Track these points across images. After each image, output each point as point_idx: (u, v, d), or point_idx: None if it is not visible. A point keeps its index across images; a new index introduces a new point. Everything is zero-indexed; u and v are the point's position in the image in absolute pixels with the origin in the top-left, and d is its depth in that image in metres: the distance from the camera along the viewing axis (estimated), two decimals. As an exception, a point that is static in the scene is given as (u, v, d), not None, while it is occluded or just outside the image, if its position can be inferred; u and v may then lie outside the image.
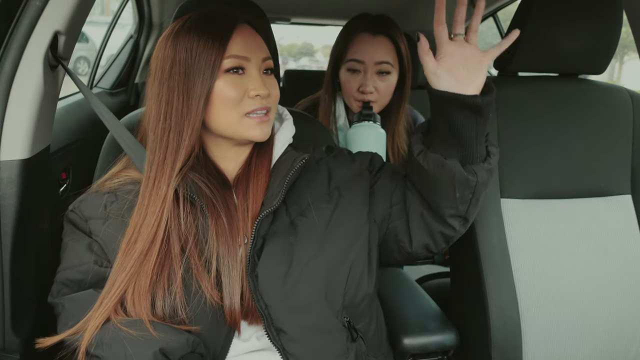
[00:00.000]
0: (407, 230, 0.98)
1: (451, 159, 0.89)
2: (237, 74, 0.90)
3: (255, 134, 0.91)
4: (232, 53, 0.89)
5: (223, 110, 0.89)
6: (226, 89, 0.88)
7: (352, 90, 1.45)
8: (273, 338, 0.87)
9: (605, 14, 1.18)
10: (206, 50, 0.87)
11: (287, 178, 0.93)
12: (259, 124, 0.90)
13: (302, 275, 0.88)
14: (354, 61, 1.43)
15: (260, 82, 0.90)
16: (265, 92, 0.89)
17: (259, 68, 0.91)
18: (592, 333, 1.16)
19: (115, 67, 2.33)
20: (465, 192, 0.91)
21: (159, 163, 0.89)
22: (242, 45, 0.90)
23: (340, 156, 1.04)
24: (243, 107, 0.89)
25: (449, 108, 0.86)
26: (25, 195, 0.95)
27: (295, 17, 2.87)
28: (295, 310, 0.87)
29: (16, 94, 0.92)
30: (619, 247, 1.20)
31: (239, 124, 0.90)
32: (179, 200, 0.88)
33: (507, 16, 2.30)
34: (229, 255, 0.87)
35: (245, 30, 0.92)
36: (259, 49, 0.92)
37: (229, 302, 0.86)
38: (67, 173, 1.48)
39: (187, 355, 0.82)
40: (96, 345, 0.81)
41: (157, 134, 0.90)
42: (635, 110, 1.24)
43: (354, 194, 0.98)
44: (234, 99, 0.89)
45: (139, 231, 0.86)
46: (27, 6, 0.90)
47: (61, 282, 0.91)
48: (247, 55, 0.90)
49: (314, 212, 0.93)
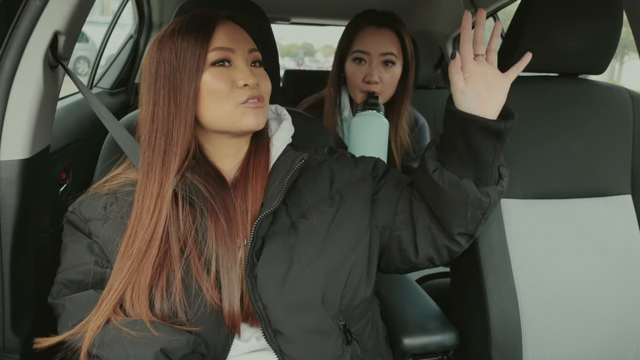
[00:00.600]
0: (414, 241, 0.98)
1: (466, 180, 0.90)
2: (224, 66, 0.90)
3: (251, 122, 0.90)
4: (216, 46, 0.89)
5: (214, 103, 0.89)
6: (214, 82, 0.88)
7: (357, 80, 1.48)
8: (270, 340, 0.87)
9: (605, 14, 1.18)
10: (190, 47, 0.88)
11: (286, 178, 0.92)
12: (254, 111, 0.89)
13: (302, 276, 0.88)
14: (359, 52, 1.47)
15: (247, 71, 0.90)
16: (253, 81, 0.89)
17: (246, 59, 0.91)
18: (592, 333, 1.16)
19: (115, 67, 2.33)
20: (476, 212, 0.92)
21: (149, 164, 0.89)
22: (226, 38, 0.90)
23: (343, 159, 1.04)
24: (235, 98, 0.89)
25: (470, 129, 0.87)
26: (25, 195, 0.95)
27: (295, 17, 2.87)
28: (293, 311, 0.87)
29: (16, 94, 0.92)
30: (619, 247, 1.20)
31: (233, 113, 0.89)
32: (178, 202, 0.88)
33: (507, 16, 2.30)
34: (228, 256, 0.87)
35: (228, 25, 0.92)
36: (244, 41, 0.92)
37: (228, 304, 0.86)
38: (67, 173, 1.48)
39: (188, 355, 0.82)
40: (97, 345, 0.81)
41: (146, 136, 0.90)
42: (635, 110, 1.24)
43: (356, 198, 0.97)
44: (223, 90, 0.88)
45: (135, 232, 0.87)
46: (27, 6, 0.90)
47: (61, 282, 0.91)
48: (231, 47, 0.90)
49: (315, 215, 0.93)
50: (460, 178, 0.90)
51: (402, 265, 1.01)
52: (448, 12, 2.45)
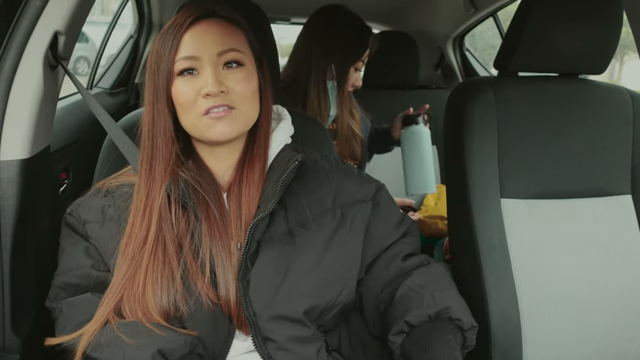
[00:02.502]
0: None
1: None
2: (191, 74, 0.87)
3: (213, 133, 0.86)
4: (181, 55, 0.86)
5: (183, 113, 0.88)
6: (180, 92, 0.87)
7: (349, 83, 1.65)
8: (259, 347, 0.86)
9: (605, 14, 1.18)
10: (164, 54, 0.87)
11: (280, 179, 0.90)
12: (214, 122, 0.86)
13: (296, 288, 0.87)
14: (362, 62, 1.65)
15: (210, 79, 0.85)
16: (215, 89, 0.84)
17: (214, 64, 0.86)
18: (592, 333, 1.16)
19: (115, 67, 2.33)
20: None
21: (144, 167, 0.89)
22: (192, 45, 0.86)
23: (350, 173, 1.01)
24: (198, 108, 0.86)
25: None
26: (25, 195, 0.95)
27: (295, 17, 2.86)
28: (281, 320, 0.86)
29: (16, 94, 0.92)
30: (619, 247, 1.20)
31: (198, 124, 0.87)
32: (171, 204, 0.87)
33: (507, 16, 2.29)
34: (223, 257, 0.86)
35: (203, 26, 0.87)
36: (213, 44, 0.86)
37: (225, 300, 0.86)
38: (67, 173, 1.48)
39: (185, 355, 0.82)
40: (94, 347, 0.81)
41: (142, 138, 0.90)
42: (635, 110, 1.24)
43: (356, 219, 0.96)
44: (188, 101, 0.86)
45: (130, 236, 0.86)
46: (27, 6, 0.90)
47: (58, 286, 0.91)
48: (195, 55, 0.86)
49: (315, 227, 0.91)
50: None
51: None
52: (448, 12, 2.45)
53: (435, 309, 0.89)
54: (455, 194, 1.22)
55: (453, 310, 0.89)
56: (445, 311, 0.89)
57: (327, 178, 0.98)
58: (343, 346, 0.98)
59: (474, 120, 1.17)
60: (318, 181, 0.97)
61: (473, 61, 2.64)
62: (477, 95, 1.19)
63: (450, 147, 1.24)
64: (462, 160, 1.17)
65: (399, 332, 0.89)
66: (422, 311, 0.88)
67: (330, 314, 0.92)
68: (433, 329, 0.88)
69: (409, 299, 0.91)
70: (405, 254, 1.00)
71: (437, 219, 1.79)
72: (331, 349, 0.95)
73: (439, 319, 0.89)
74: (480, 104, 1.18)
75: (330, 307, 0.91)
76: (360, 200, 0.98)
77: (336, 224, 0.93)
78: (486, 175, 1.16)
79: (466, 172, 1.16)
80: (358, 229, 0.96)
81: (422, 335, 0.87)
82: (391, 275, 0.97)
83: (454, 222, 1.25)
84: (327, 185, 0.97)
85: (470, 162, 1.16)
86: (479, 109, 1.18)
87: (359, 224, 0.96)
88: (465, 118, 1.18)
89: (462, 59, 2.63)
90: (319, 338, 0.91)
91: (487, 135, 1.17)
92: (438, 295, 0.90)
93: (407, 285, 0.93)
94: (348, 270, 0.94)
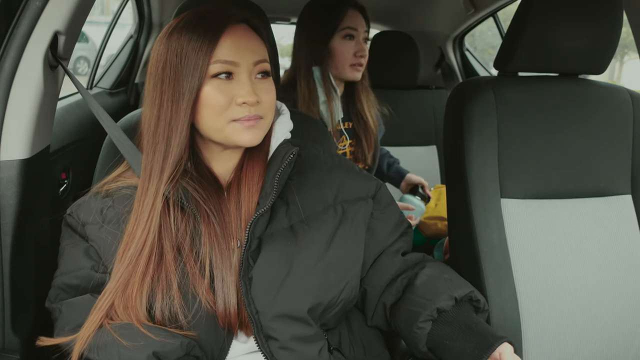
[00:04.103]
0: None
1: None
2: (225, 79, 0.86)
3: (244, 139, 0.86)
4: (219, 58, 0.84)
5: (210, 115, 0.86)
6: (212, 96, 0.85)
7: (348, 55, 1.59)
8: (262, 345, 0.86)
9: (605, 14, 1.18)
10: (194, 54, 0.84)
11: (277, 173, 0.90)
12: (247, 129, 0.86)
13: (299, 286, 0.87)
14: (350, 29, 1.59)
15: (248, 88, 0.85)
16: (253, 99, 0.85)
17: (250, 73, 0.86)
18: (592, 333, 1.16)
19: (115, 67, 2.33)
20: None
21: (151, 168, 0.87)
22: (231, 50, 0.85)
23: (351, 170, 1.01)
24: (230, 114, 0.85)
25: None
26: (25, 195, 0.95)
27: (295, 17, 2.86)
28: (284, 318, 0.86)
29: (16, 94, 0.92)
30: (619, 247, 1.20)
31: (225, 128, 0.86)
32: (170, 207, 0.87)
33: (507, 16, 2.30)
34: (222, 259, 0.86)
35: (238, 32, 0.87)
36: (251, 52, 0.87)
37: (223, 307, 0.85)
38: (66, 173, 1.48)
39: (181, 358, 0.82)
40: (90, 349, 0.81)
41: (149, 138, 0.88)
42: (635, 110, 1.24)
43: (357, 216, 0.96)
44: (221, 105, 0.85)
45: (131, 239, 0.85)
46: (27, 6, 0.90)
47: (58, 287, 0.91)
48: (235, 60, 0.85)
49: (317, 223, 0.91)
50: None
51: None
52: (448, 12, 2.45)
53: (461, 292, 0.93)
54: (455, 194, 1.22)
55: (475, 292, 0.94)
56: (468, 295, 0.94)
57: (329, 174, 0.98)
58: (343, 344, 0.98)
59: (474, 120, 1.18)
60: (320, 176, 0.97)
61: (473, 61, 2.64)
62: (477, 95, 1.19)
63: (450, 147, 1.24)
64: (462, 160, 1.17)
65: (428, 319, 0.91)
66: (450, 295, 0.92)
67: (333, 311, 0.92)
68: (460, 312, 0.91)
69: (434, 287, 0.93)
70: (404, 252, 1.03)
71: (437, 220, 1.80)
72: (333, 348, 0.95)
73: (462, 302, 0.93)
74: (480, 104, 1.18)
75: (332, 304, 0.91)
76: (361, 197, 0.99)
77: (338, 221, 0.93)
78: (486, 175, 1.17)
79: (466, 172, 1.17)
80: (359, 226, 0.96)
81: (453, 318, 0.91)
82: (396, 269, 0.99)
83: (454, 222, 1.25)
84: (329, 181, 0.97)
85: (470, 162, 1.17)
86: (479, 109, 1.18)
87: (360, 221, 0.97)
88: (465, 118, 1.18)
89: (462, 59, 2.63)
90: (322, 337, 0.91)
91: (487, 135, 1.17)
92: (458, 282, 0.95)
93: (426, 274, 0.96)
94: (350, 268, 0.94)
